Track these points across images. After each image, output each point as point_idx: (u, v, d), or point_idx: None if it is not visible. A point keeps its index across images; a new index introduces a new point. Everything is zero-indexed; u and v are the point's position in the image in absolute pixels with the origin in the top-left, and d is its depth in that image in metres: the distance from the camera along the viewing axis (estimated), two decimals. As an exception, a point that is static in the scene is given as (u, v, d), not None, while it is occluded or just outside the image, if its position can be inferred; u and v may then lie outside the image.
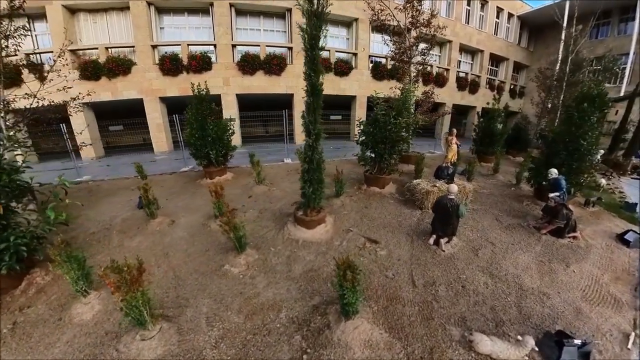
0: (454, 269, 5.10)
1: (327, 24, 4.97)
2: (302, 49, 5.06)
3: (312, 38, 4.84)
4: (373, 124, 7.90)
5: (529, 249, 5.82)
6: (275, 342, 3.53)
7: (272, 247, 5.77)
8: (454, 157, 7.82)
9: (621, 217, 7.97)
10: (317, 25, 4.79)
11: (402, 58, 11.42)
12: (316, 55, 4.98)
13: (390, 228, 6.58)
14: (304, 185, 5.89)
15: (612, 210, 8.35)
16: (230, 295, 4.37)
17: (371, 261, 5.36)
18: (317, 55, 4.99)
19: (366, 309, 4.03)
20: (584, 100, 7.11)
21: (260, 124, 21.04)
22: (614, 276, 5.12)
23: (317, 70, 5.06)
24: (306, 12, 4.70)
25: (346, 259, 3.37)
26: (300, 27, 4.85)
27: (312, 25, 4.75)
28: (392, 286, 4.65)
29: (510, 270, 5.08)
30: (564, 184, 6.59)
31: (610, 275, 5.13)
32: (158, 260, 5.41)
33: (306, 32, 4.80)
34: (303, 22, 4.87)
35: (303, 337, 3.57)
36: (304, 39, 4.84)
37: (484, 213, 7.50)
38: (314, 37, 4.84)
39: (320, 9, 4.71)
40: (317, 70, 5.06)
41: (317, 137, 5.49)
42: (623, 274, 5.20)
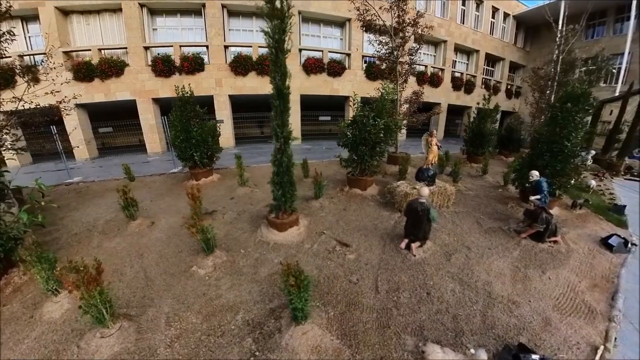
0: (422, 274, 4.86)
1: (320, 25, 4.78)
2: (268, 52, 4.91)
3: (276, 41, 4.65)
4: (353, 125, 7.66)
5: (506, 254, 5.55)
6: (226, 344, 3.50)
7: (243, 249, 5.67)
8: (435, 159, 7.54)
9: (608, 220, 7.65)
10: (281, 28, 4.60)
11: (390, 58, 11.13)
12: (281, 58, 4.78)
13: (365, 231, 6.36)
14: (274, 188, 5.80)
15: (600, 213, 8.02)
16: (193, 296, 4.34)
17: (338, 265, 5.16)
18: (282, 58, 4.79)
19: (321, 314, 3.91)
20: (568, 99, 6.80)
21: (256, 125, 20.92)
22: (592, 283, 4.83)
23: (282, 73, 4.86)
24: (267, 15, 4.49)
25: (289, 264, 3.27)
26: (264, 31, 4.61)
27: (274, 28, 4.55)
28: (354, 291, 4.44)
29: (482, 276, 4.82)
30: (545, 187, 6.29)
31: (588, 283, 4.85)
32: (132, 260, 5.38)
33: (269, 36, 4.62)
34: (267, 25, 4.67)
35: (254, 340, 3.53)
36: (268, 42, 4.67)
37: (465, 216, 7.23)
38: (278, 41, 4.65)
39: (282, 11, 4.51)
40: (283, 73, 4.86)
41: (286, 140, 5.35)
42: (602, 281, 4.91)
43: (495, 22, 22.40)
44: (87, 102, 14.63)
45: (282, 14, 4.50)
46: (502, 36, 23.11)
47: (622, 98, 13.40)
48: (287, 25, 4.63)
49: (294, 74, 17.25)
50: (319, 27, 17.60)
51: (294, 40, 16.35)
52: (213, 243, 5.27)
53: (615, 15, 19.77)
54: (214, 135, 10.18)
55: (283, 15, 4.54)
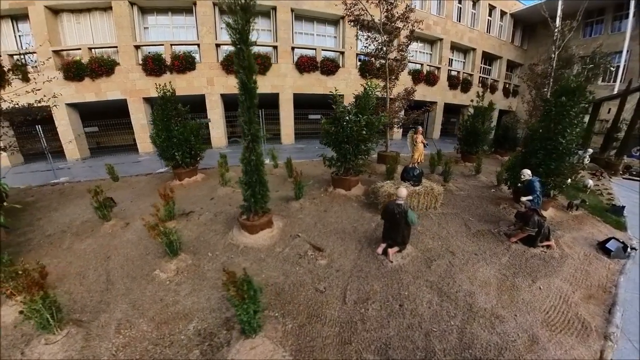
0: (397, 283, 4.35)
1: (313, 22, 4.50)
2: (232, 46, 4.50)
3: (239, 33, 4.30)
4: (334, 123, 7.15)
5: (493, 260, 5.02)
6: (172, 355, 3.22)
7: (211, 252, 5.30)
8: (421, 157, 7.00)
9: (606, 221, 7.08)
10: (244, 19, 4.27)
11: (379, 54, 10.59)
12: (246, 51, 4.42)
13: (343, 234, 5.86)
14: (243, 189, 5.40)
15: (597, 214, 7.45)
16: (149, 301, 4.05)
17: (307, 271, 4.69)
18: (246, 51, 4.43)
19: (277, 326, 3.54)
20: (562, 93, 6.24)
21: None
22: (587, 294, 4.29)
23: (248, 67, 4.50)
24: (229, 6, 4.15)
25: (230, 272, 2.92)
26: (226, 23, 4.31)
27: (237, 20, 4.21)
28: (319, 301, 4.00)
29: (464, 286, 4.29)
30: (538, 187, 5.74)
31: (583, 293, 4.31)
32: (97, 263, 5.07)
33: (231, 28, 4.26)
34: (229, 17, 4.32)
35: (202, 353, 3.23)
36: (230, 35, 4.32)
37: (454, 217, 6.69)
38: (241, 33, 4.30)
39: (246, 2, 4.18)
40: (249, 67, 4.51)
41: (254, 138, 4.97)
42: (598, 291, 4.37)
43: (492, 20, 21.74)
44: (78, 102, 14.27)
45: (245, 6, 4.18)
46: (499, 34, 22.44)
47: (621, 96, 12.75)
48: (250, 18, 4.31)
49: (286, 72, 16.90)
50: (313, 25, 17.09)
51: (287, 38, 15.94)
52: (177, 246, 4.91)
53: (614, 12, 19.07)
54: (197, 134, 9.77)
55: (247, 6, 4.20)
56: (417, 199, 6.69)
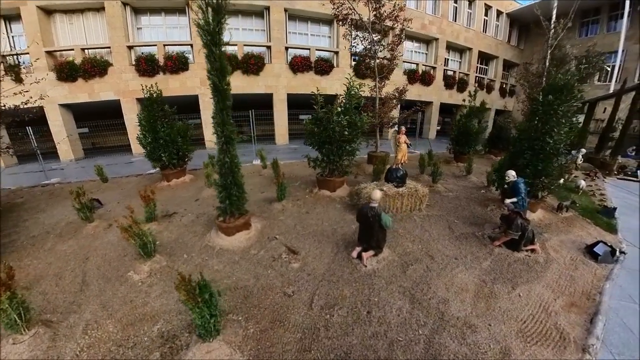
0: (368, 288, 4.12)
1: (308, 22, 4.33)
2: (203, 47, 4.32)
3: (210, 35, 4.17)
4: (316, 123, 6.92)
5: (474, 265, 4.76)
6: (134, 356, 3.16)
7: (186, 254, 5.18)
8: (404, 158, 6.74)
9: (597, 223, 6.80)
10: (216, 20, 4.14)
11: (367, 54, 10.34)
12: (218, 53, 4.30)
13: (321, 237, 5.64)
14: (217, 191, 5.29)
15: (588, 216, 7.17)
16: (120, 302, 3.98)
17: (278, 275, 4.51)
18: (219, 53, 4.31)
19: (238, 330, 3.42)
20: (549, 91, 5.96)
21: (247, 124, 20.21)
22: (569, 301, 4.04)
23: (219, 69, 4.39)
24: (198, 6, 4.02)
25: (182, 275, 2.79)
26: (197, 24, 4.10)
27: (209, 20, 4.09)
28: (286, 305, 3.83)
29: (439, 292, 4.05)
30: (522, 189, 5.48)
31: (565, 300, 4.05)
32: (75, 264, 4.99)
33: (202, 28, 4.11)
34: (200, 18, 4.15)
35: (162, 355, 3.15)
36: (202, 36, 4.18)
37: (438, 220, 6.44)
38: (212, 34, 4.17)
39: (218, 1, 4.06)
40: (220, 69, 4.40)
41: (228, 140, 4.86)
42: (581, 299, 4.11)
43: (488, 19, 21.40)
44: (71, 103, 14.13)
45: (217, 6, 4.06)
46: (496, 34, 22.09)
47: (616, 95, 12.41)
48: (222, 18, 4.18)
49: (280, 72, 16.66)
50: (307, 24, 16.86)
51: (281, 38, 15.72)
52: (152, 247, 4.78)
53: (609, 12, 18.67)
54: (185, 135, 9.62)
55: (220, 6, 4.09)
56: (400, 201, 6.45)
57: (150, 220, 6.48)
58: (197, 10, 4.19)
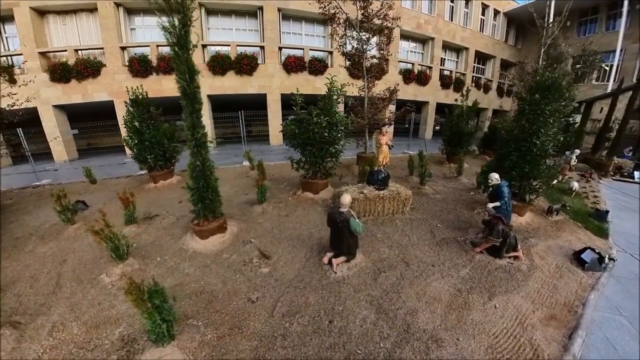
0: (334, 296, 3.88)
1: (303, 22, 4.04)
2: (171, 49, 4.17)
3: (175, 37, 4.03)
4: (297, 124, 6.65)
5: (451, 273, 4.47)
6: (92, 359, 3.11)
7: (160, 257, 5.05)
8: (386, 160, 6.43)
9: (588, 227, 6.46)
10: (182, 22, 4.00)
11: (355, 52, 10.04)
12: (183, 56, 4.15)
13: (296, 241, 5.40)
14: (189, 194, 5.12)
15: (579, 220, 6.82)
16: (88, 305, 3.93)
17: (246, 279, 4.32)
18: (184, 56, 4.15)
19: (195, 336, 3.29)
20: (536, 90, 5.64)
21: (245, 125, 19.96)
22: (549, 314, 3.73)
23: (187, 72, 4.24)
24: (159, 9, 3.91)
25: (132, 280, 2.72)
26: (163, 27, 3.96)
27: (174, 23, 3.96)
28: (248, 312, 3.67)
29: (409, 302, 3.76)
30: (506, 192, 5.16)
31: (545, 313, 3.75)
32: (52, 266, 4.93)
33: (168, 31, 3.97)
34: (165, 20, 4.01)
35: (118, 358, 3.09)
36: (168, 39, 4.05)
37: (421, 224, 6.14)
38: (178, 37, 4.03)
39: (183, 4, 3.93)
40: (188, 72, 4.24)
41: (199, 143, 4.71)
42: (562, 311, 3.80)
43: (485, 19, 20.94)
44: (65, 103, 13.99)
45: (182, 7, 3.91)
46: (493, 33, 21.61)
47: (612, 95, 11.98)
48: (188, 20, 4.02)
49: (274, 72, 16.34)
50: (301, 24, 16.57)
51: (274, 38, 15.45)
52: (124, 250, 4.69)
53: (608, 11, 18.12)
54: (172, 136, 9.44)
55: (185, 8, 3.94)
56: (381, 204, 6.15)
57: (130, 223, 6.34)
58: (161, 12, 4.01)
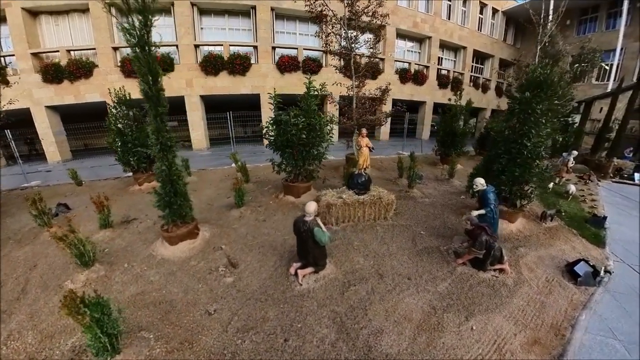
0: (296, 311, 3.52)
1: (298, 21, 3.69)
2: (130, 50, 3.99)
3: (136, 37, 3.88)
4: (275, 126, 6.24)
5: (428, 287, 4.02)
6: None
7: (128, 263, 4.81)
8: (367, 163, 5.97)
9: (584, 235, 5.95)
10: (143, 22, 3.87)
11: (342, 51, 9.59)
12: (143, 58, 3.98)
13: (269, 248, 5.04)
14: (156, 199, 4.88)
15: (575, 226, 6.32)
16: (47, 313, 3.74)
17: (208, 289, 4.01)
18: (145, 57, 3.98)
19: (143, 350, 3.09)
20: (527, 88, 5.15)
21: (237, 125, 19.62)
22: (533, 337, 3.27)
23: (149, 73, 4.06)
24: (125, 9, 3.72)
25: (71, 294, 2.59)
26: (122, 27, 3.80)
27: (134, 24, 3.80)
28: (202, 325, 3.40)
29: (375, 321, 3.33)
30: (491, 199, 4.68)
31: (528, 336, 3.28)
32: (22, 271, 4.74)
33: (127, 32, 3.82)
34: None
35: None
36: (129, 41, 3.89)
37: (403, 231, 5.67)
38: (138, 37, 3.88)
39: (144, 5, 3.80)
40: (150, 73, 4.07)
41: (164, 147, 4.46)
42: (548, 334, 3.34)
43: (483, 18, 20.26)
44: (58, 104, 13.75)
45: (143, 8, 3.78)
46: (491, 32, 20.93)
47: (612, 94, 11.35)
48: (148, 20, 3.89)
49: (267, 72, 15.89)
50: (295, 23, 16.14)
51: (268, 37, 15.03)
52: (90, 256, 4.49)
53: (608, 9, 17.38)
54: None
55: (144, 9, 3.81)
56: (362, 210, 5.71)
57: (105, 227, 6.07)
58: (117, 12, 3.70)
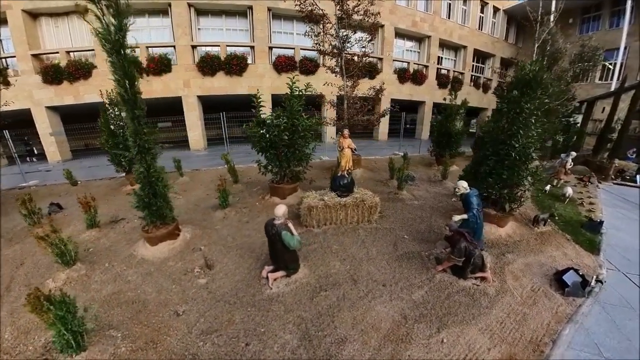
0: (262, 315, 3.40)
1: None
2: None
3: (109, 42, 3.80)
4: (259, 127, 6.03)
5: (402, 295, 3.76)
6: None
7: (109, 263, 4.79)
8: (349, 165, 5.72)
9: (577, 240, 5.60)
10: (117, 26, 3.79)
11: (333, 50, 9.34)
12: (118, 63, 3.91)
13: (247, 249, 4.90)
14: (134, 200, 4.83)
15: (569, 231, 5.97)
16: (24, 312, 3.59)
17: (180, 290, 3.95)
18: (120, 62, 3.91)
19: (109, 348, 3.08)
20: (515, 86, 4.85)
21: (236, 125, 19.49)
22: (508, 352, 3.00)
23: (127, 77, 4.03)
24: (99, 13, 3.65)
25: (35, 291, 2.65)
26: (97, 33, 3.72)
27: (108, 27, 3.71)
28: (169, 325, 3.36)
29: (341, 329, 3.12)
30: (475, 203, 4.40)
31: (503, 351, 3.02)
32: (9, 269, 4.77)
33: (101, 36, 3.74)
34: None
35: None
36: (104, 44, 3.81)
37: (386, 234, 5.41)
38: (112, 42, 3.80)
39: (118, 8, 3.72)
40: (127, 77, 4.03)
41: (142, 150, 4.44)
42: (526, 350, 3.07)
43: (484, 16, 19.76)
44: (58, 105, 13.81)
45: (116, 11, 3.71)
46: (492, 31, 20.41)
47: (614, 94, 10.87)
48: (123, 24, 3.82)
49: (264, 73, 15.74)
50: (292, 23, 15.93)
51: (264, 37, 14.85)
52: (71, 256, 4.51)
53: (611, 7, 16.75)
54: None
55: (119, 12, 3.74)
56: (343, 212, 5.47)
57: (92, 227, 6.03)
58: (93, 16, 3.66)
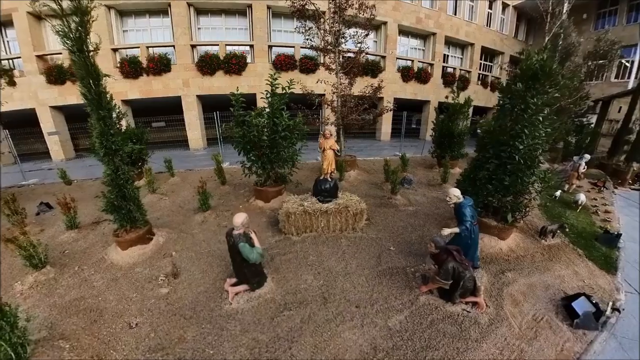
0: (215, 334, 3.04)
1: None
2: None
3: (71, 41, 3.62)
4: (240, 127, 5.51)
5: (377, 320, 3.13)
6: None
7: (79, 266, 4.59)
8: (331, 167, 5.08)
9: (591, 257, 4.79)
10: (79, 24, 3.63)
11: (326, 47, 8.71)
12: (82, 62, 3.73)
13: (217, 257, 4.49)
14: (103, 203, 4.66)
15: (582, 244, 5.16)
16: None
17: (140, 300, 3.71)
18: (82, 62, 3.73)
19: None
20: (520, 78, 4.12)
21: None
22: (501, 409, 2.35)
23: (91, 76, 3.83)
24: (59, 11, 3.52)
25: None
26: (56, 31, 3.57)
27: (70, 26, 3.54)
28: (119, 339, 3.12)
29: (299, 357, 2.60)
30: (468, 214, 3.70)
31: (495, 406, 2.37)
32: None
33: (62, 36, 3.60)
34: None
35: None
36: (64, 42, 3.65)
37: (370, 245, 4.77)
38: (74, 40, 3.63)
39: (80, 7, 3.57)
40: (91, 76, 3.83)
41: (108, 151, 4.24)
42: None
43: (492, 12, 18.59)
44: (62, 105, 13.75)
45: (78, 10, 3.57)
46: (501, 28, 19.20)
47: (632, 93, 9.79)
48: (83, 23, 3.66)
49: (263, 72, 15.21)
50: (293, 22, 15.28)
51: (264, 36, 14.34)
52: (40, 259, 4.34)
53: (629, 1, 15.36)
54: (141, 138, 8.80)
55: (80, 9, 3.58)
56: (325, 219, 4.85)
57: (71, 228, 5.80)
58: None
